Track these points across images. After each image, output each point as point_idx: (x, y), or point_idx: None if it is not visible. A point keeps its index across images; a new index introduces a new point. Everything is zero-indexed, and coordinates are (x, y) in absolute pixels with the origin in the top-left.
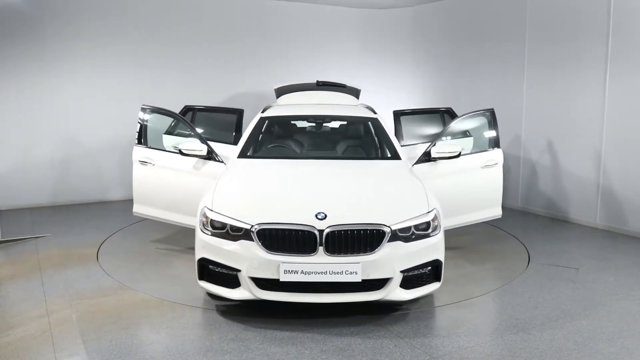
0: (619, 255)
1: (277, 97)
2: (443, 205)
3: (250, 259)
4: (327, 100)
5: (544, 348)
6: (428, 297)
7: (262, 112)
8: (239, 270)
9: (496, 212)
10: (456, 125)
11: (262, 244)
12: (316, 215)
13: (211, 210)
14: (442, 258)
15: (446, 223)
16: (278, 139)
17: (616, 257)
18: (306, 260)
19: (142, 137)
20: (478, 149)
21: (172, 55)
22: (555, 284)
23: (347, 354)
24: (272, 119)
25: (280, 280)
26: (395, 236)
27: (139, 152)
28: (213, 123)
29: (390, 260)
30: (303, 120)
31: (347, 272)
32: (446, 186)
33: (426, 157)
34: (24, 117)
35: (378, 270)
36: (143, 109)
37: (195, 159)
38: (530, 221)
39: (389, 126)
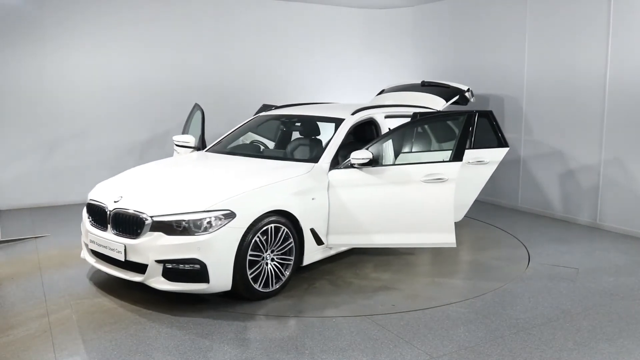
0: (619, 255)
1: (376, 95)
2: (358, 218)
3: (84, 227)
4: (406, 101)
5: (544, 348)
6: (428, 297)
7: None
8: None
9: (446, 239)
10: (409, 128)
11: (87, 216)
12: (115, 198)
13: (93, 188)
14: (206, 259)
15: (370, 240)
16: (247, 137)
17: (616, 257)
18: (99, 234)
19: (185, 128)
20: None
21: (169, 55)
22: (555, 284)
23: (347, 354)
24: (262, 118)
25: (89, 247)
26: (158, 227)
27: (175, 140)
28: None
29: (147, 248)
30: (286, 120)
31: (116, 251)
32: (367, 198)
33: (350, 163)
34: (23, 116)
35: (136, 255)
36: (193, 107)
37: (183, 149)
38: (530, 221)
39: (344, 130)
